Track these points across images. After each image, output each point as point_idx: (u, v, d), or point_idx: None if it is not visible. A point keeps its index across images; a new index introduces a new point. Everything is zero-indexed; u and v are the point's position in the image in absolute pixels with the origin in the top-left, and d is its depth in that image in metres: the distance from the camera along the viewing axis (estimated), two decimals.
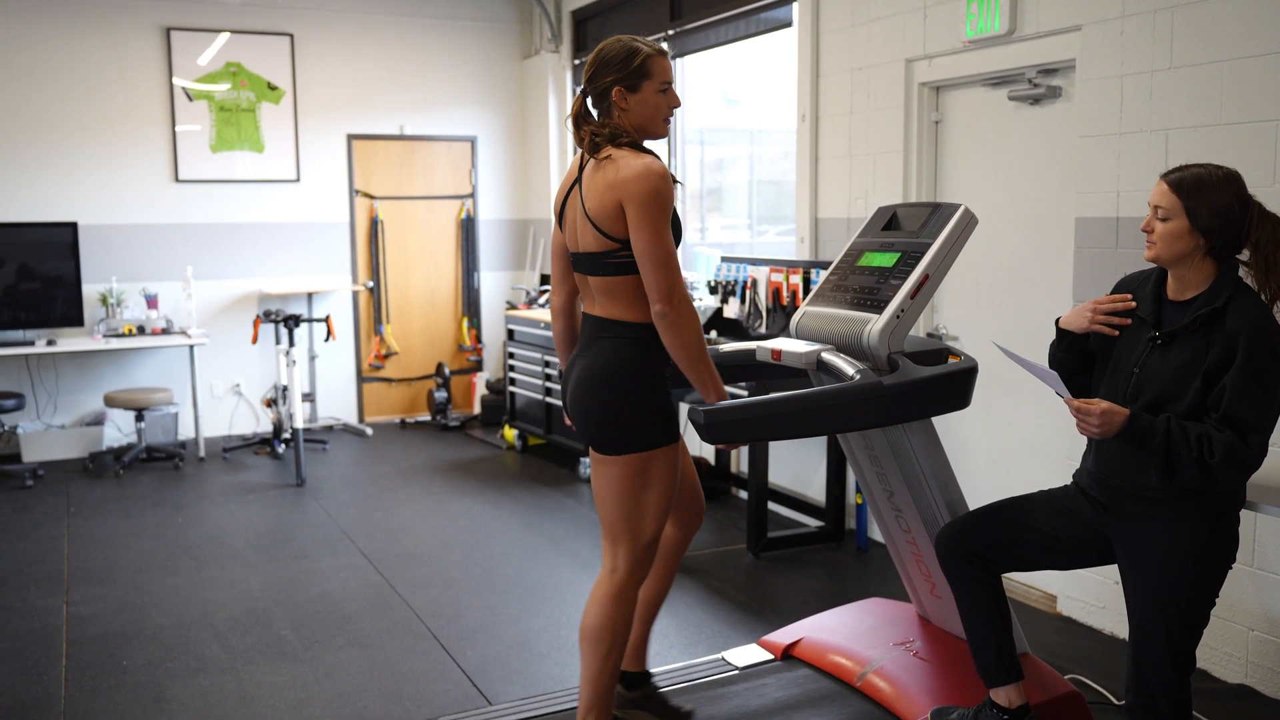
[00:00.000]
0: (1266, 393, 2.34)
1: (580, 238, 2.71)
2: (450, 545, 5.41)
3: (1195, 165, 2.50)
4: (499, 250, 8.83)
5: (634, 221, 2.55)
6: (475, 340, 8.74)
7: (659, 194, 2.54)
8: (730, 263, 5.92)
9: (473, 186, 8.66)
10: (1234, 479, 2.35)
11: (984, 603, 2.72)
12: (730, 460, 6.35)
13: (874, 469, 3.16)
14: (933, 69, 4.83)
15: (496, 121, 8.67)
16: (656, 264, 2.54)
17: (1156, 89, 3.82)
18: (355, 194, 8.27)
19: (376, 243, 8.34)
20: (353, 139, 8.21)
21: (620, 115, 2.67)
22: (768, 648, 3.47)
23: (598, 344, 2.72)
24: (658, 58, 2.67)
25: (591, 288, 2.74)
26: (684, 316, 2.57)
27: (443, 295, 8.67)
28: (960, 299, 4.90)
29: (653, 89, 2.67)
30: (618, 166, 2.59)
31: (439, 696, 3.70)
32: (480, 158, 8.65)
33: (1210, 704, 3.54)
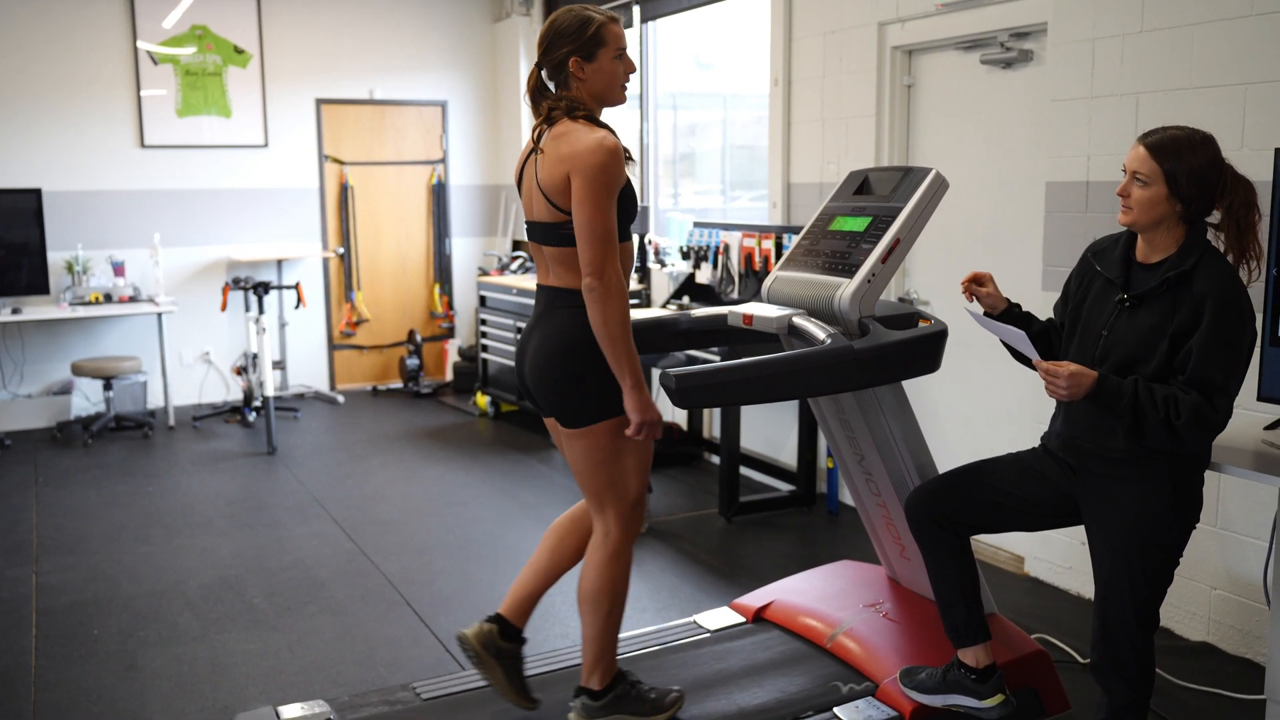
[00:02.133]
0: (1232, 355, 2.36)
1: (534, 207, 2.70)
2: (423, 512, 5.41)
3: (1172, 128, 2.48)
4: (470, 216, 8.77)
5: (577, 194, 2.54)
6: (447, 307, 8.69)
7: (606, 169, 2.53)
8: (703, 228, 5.91)
9: (444, 152, 8.58)
10: (1199, 440, 2.37)
11: (952, 564, 2.75)
12: (703, 425, 6.37)
13: (845, 433, 3.18)
14: (905, 32, 4.82)
15: (467, 86, 8.58)
16: (593, 238, 2.53)
17: (1128, 52, 3.82)
18: (325, 159, 8.19)
19: (347, 209, 8.27)
20: (322, 104, 8.12)
21: (578, 86, 2.65)
22: (739, 610, 3.49)
23: (554, 314, 2.70)
24: (611, 25, 2.66)
25: (546, 257, 2.73)
26: (611, 294, 2.55)
27: (414, 262, 8.62)
28: (932, 263, 4.91)
29: (609, 56, 2.65)
30: (570, 140, 2.57)
31: (412, 662, 3.71)
32: (451, 122, 8.57)
33: (1173, 661, 3.60)
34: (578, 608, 2.87)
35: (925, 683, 2.82)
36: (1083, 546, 2.63)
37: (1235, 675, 3.54)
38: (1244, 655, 3.66)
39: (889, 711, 2.86)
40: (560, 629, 3.97)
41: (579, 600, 2.85)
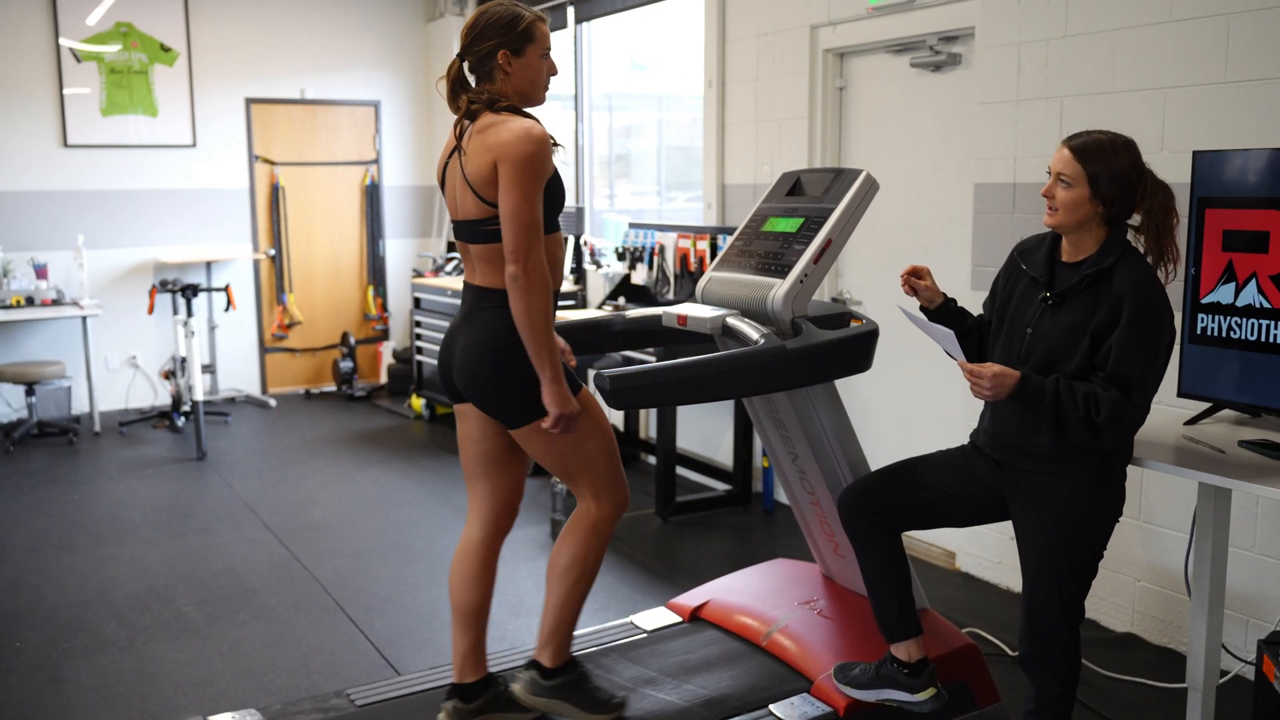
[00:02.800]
0: (1150, 352, 2.42)
1: (460, 204, 2.67)
2: (357, 516, 5.35)
3: (1096, 132, 2.55)
4: (405, 217, 8.69)
5: (504, 181, 2.52)
6: (381, 309, 8.61)
7: (535, 158, 2.51)
8: (638, 229, 5.92)
9: (377, 152, 8.50)
10: (1119, 436, 2.43)
11: (885, 561, 2.78)
12: (639, 426, 6.37)
13: (778, 432, 3.20)
14: (837, 35, 4.87)
15: (401, 85, 8.51)
16: (519, 226, 2.51)
17: (1052, 56, 3.90)
18: (255, 159, 8.06)
19: (278, 210, 8.15)
20: (251, 103, 7.99)
21: (503, 80, 2.63)
22: (676, 610, 3.50)
23: (480, 315, 2.67)
24: (539, 23, 2.65)
25: (473, 256, 2.69)
26: (535, 283, 2.53)
27: (347, 263, 8.52)
28: (864, 263, 4.97)
29: (536, 54, 2.64)
30: (497, 130, 2.55)
31: (347, 668, 3.67)
32: (384, 122, 8.49)
33: (1099, 652, 3.68)
34: (546, 577, 2.83)
35: (859, 678, 2.85)
36: (1012, 542, 2.68)
37: (1159, 664, 3.63)
38: (1167, 645, 3.76)
39: (824, 708, 2.88)
40: (496, 631, 3.94)
41: (549, 568, 2.82)
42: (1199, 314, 3.00)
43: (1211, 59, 3.43)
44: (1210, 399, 3.03)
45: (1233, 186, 2.92)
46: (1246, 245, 2.88)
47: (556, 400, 2.59)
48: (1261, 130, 3.31)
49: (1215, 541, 2.87)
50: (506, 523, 2.92)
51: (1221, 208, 2.93)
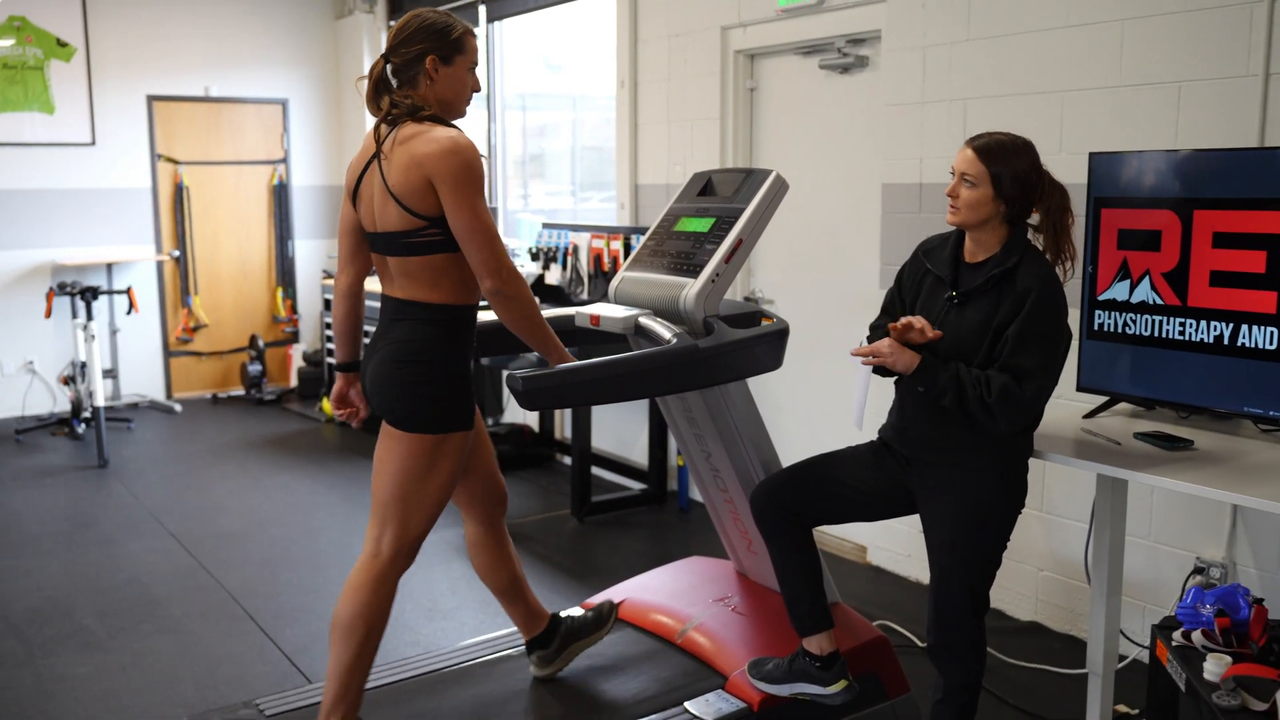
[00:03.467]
0: (1044, 346, 2.48)
1: (380, 216, 2.58)
2: (267, 523, 5.25)
3: (997, 133, 2.62)
4: (314, 217, 8.54)
5: (448, 200, 2.47)
6: (290, 311, 8.46)
7: (470, 168, 2.47)
8: (551, 229, 5.90)
9: (285, 151, 8.34)
10: (1010, 420, 2.47)
11: (797, 556, 2.81)
12: (554, 426, 6.36)
13: (691, 431, 3.22)
14: (747, 37, 4.91)
15: (309, 84, 8.36)
16: (481, 241, 2.48)
17: (956, 60, 3.99)
18: (157, 158, 7.86)
19: (182, 210, 7.95)
20: (153, 100, 7.78)
21: (427, 87, 2.58)
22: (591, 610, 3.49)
23: (397, 328, 2.62)
24: (470, 36, 2.63)
25: (391, 268, 2.64)
26: (516, 289, 2.52)
27: (255, 265, 8.35)
28: (775, 263, 5.03)
29: (464, 65, 2.61)
30: (423, 140, 2.49)
31: (256, 678, 3.59)
32: (292, 121, 8.34)
33: (1004, 640, 3.77)
34: (330, 635, 2.67)
35: (773, 673, 2.88)
36: (922, 535, 2.73)
37: (1061, 651, 3.74)
38: (1069, 632, 3.87)
39: (738, 703, 2.90)
40: (410, 636, 3.91)
41: (332, 626, 2.66)
42: (1096, 310, 3.10)
43: (1107, 63, 3.54)
44: (1107, 392, 3.13)
45: (1127, 187, 3.02)
46: (1140, 244, 2.98)
47: None
48: (1154, 132, 3.42)
49: (1113, 531, 2.96)
50: (499, 509, 2.98)
51: (1116, 207, 3.03)
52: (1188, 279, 2.88)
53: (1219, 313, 2.83)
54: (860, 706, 2.97)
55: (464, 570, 4.56)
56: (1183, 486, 2.54)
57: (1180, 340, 2.92)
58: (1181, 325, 2.91)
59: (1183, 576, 3.45)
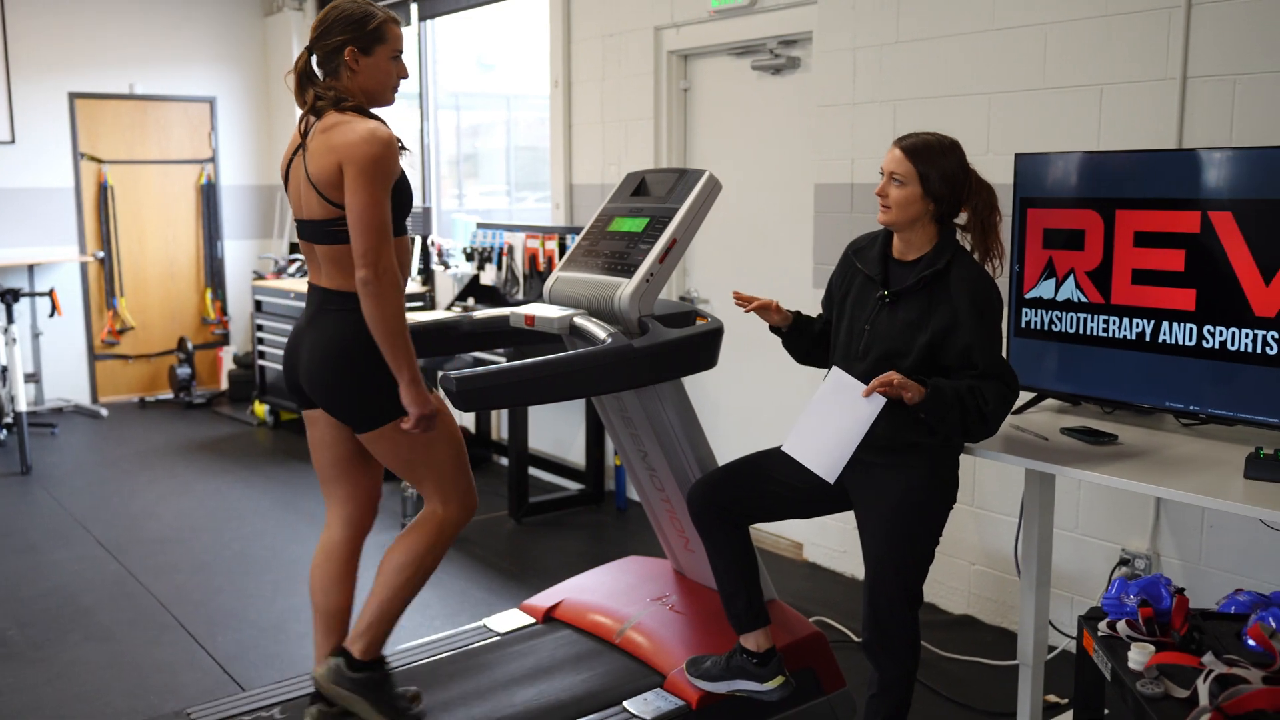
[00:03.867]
0: (999, 340, 2.58)
1: (304, 204, 2.61)
2: (198, 528, 5.15)
3: (924, 133, 2.66)
4: (244, 217, 8.40)
5: (350, 184, 2.47)
6: (220, 312, 8.31)
7: (380, 159, 2.48)
8: (486, 229, 5.87)
9: (213, 150, 8.20)
10: (1001, 420, 2.56)
11: (733, 554, 2.83)
12: (490, 427, 6.33)
13: (628, 430, 3.22)
14: (680, 37, 4.93)
15: (238, 81, 8.22)
16: (367, 229, 2.47)
17: (885, 62, 4.04)
18: (81, 157, 7.68)
19: (107, 210, 7.78)
20: (75, 98, 7.60)
21: (349, 78, 2.59)
22: (529, 612, 3.48)
23: (325, 318, 2.62)
24: (392, 24, 2.62)
25: (318, 256, 2.64)
26: (387, 286, 2.49)
27: (183, 266, 8.19)
28: (710, 262, 5.05)
29: (386, 55, 2.61)
30: (341, 131, 2.51)
31: (188, 687, 3.53)
32: (220, 120, 8.19)
33: (938, 634, 3.83)
34: (379, 567, 2.76)
35: (710, 670, 2.90)
36: (856, 532, 2.77)
37: (993, 644, 3.80)
38: (1001, 625, 3.94)
39: (676, 701, 2.91)
40: None
41: (383, 560, 2.76)
42: (1023, 308, 3.16)
43: (1031, 66, 3.61)
44: (1035, 389, 3.19)
45: (1051, 187, 3.08)
46: (1065, 243, 3.04)
47: (416, 401, 2.56)
48: (1077, 134, 3.50)
49: (1041, 524, 3.03)
50: (368, 522, 2.89)
51: (1041, 207, 3.10)
52: (1111, 277, 2.95)
53: (1141, 310, 2.91)
54: (797, 702, 2.99)
55: None
56: (1108, 480, 2.60)
57: (1104, 337, 2.99)
58: (1105, 323, 2.98)
59: (1109, 568, 3.54)
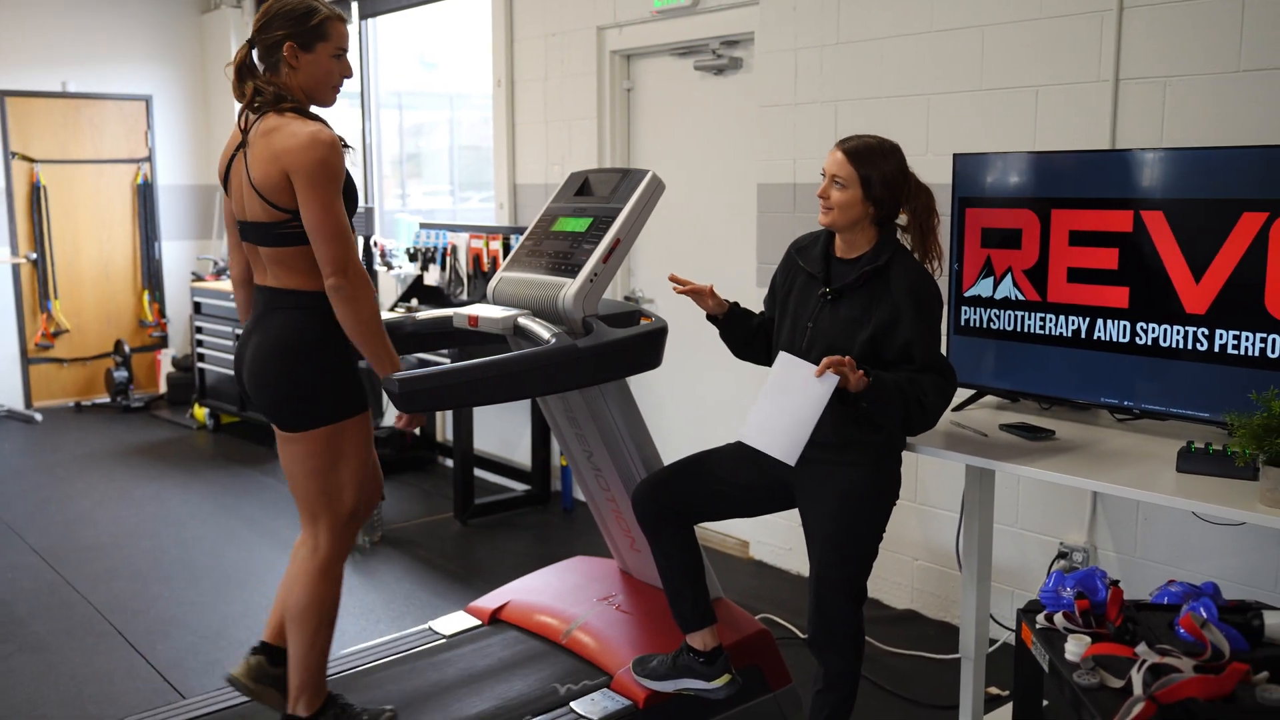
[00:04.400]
0: (938, 336, 2.62)
1: (247, 207, 2.57)
2: (136, 534, 5.06)
3: (866, 136, 2.69)
4: (182, 218, 8.26)
5: (302, 194, 2.44)
6: (158, 315, 8.17)
7: (327, 164, 2.44)
8: (429, 229, 5.83)
9: (149, 149, 8.06)
10: (940, 412, 2.58)
11: (678, 553, 2.84)
12: (436, 428, 6.29)
13: (573, 430, 3.22)
14: (623, 37, 4.93)
15: (174, 80, 8.09)
16: (329, 237, 2.45)
17: (826, 63, 4.07)
18: (12, 157, 7.50)
19: (39, 210, 7.61)
20: (6, 96, 7.43)
21: (289, 74, 2.55)
22: (475, 614, 3.47)
23: (272, 316, 2.59)
24: (336, 21, 2.58)
25: (263, 257, 2.61)
26: (359, 289, 2.48)
27: (119, 267, 8.04)
28: (654, 262, 5.06)
29: (327, 52, 2.57)
30: (283, 135, 2.47)
31: (126, 696, 3.47)
32: (157, 118, 8.05)
33: (882, 629, 3.88)
34: (285, 627, 2.72)
35: (657, 670, 2.91)
36: (802, 529, 2.79)
37: (936, 638, 3.85)
38: (943, 619, 3.99)
39: (623, 701, 2.92)
40: None
41: (285, 619, 2.71)
42: (962, 306, 3.20)
43: (969, 68, 3.66)
44: (974, 386, 3.24)
45: (989, 187, 3.13)
46: (1002, 242, 3.09)
47: None
48: (1014, 134, 3.55)
49: (981, 519, 3.07)
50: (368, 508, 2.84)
51: (979, 207, 3.14)
52: (1047, 275, 3.01)
53: (1076, 308, 2.96)
54: (744, 699, 3.01)
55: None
56: (1046, 475, 2.65)
57: (1041, 335, 3.04)
58: (1042, 320, 3.03)
59: (1048, 561, 3.60)
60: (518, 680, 3.05)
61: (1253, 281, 2.63)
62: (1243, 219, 2.63)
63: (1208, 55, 3.12)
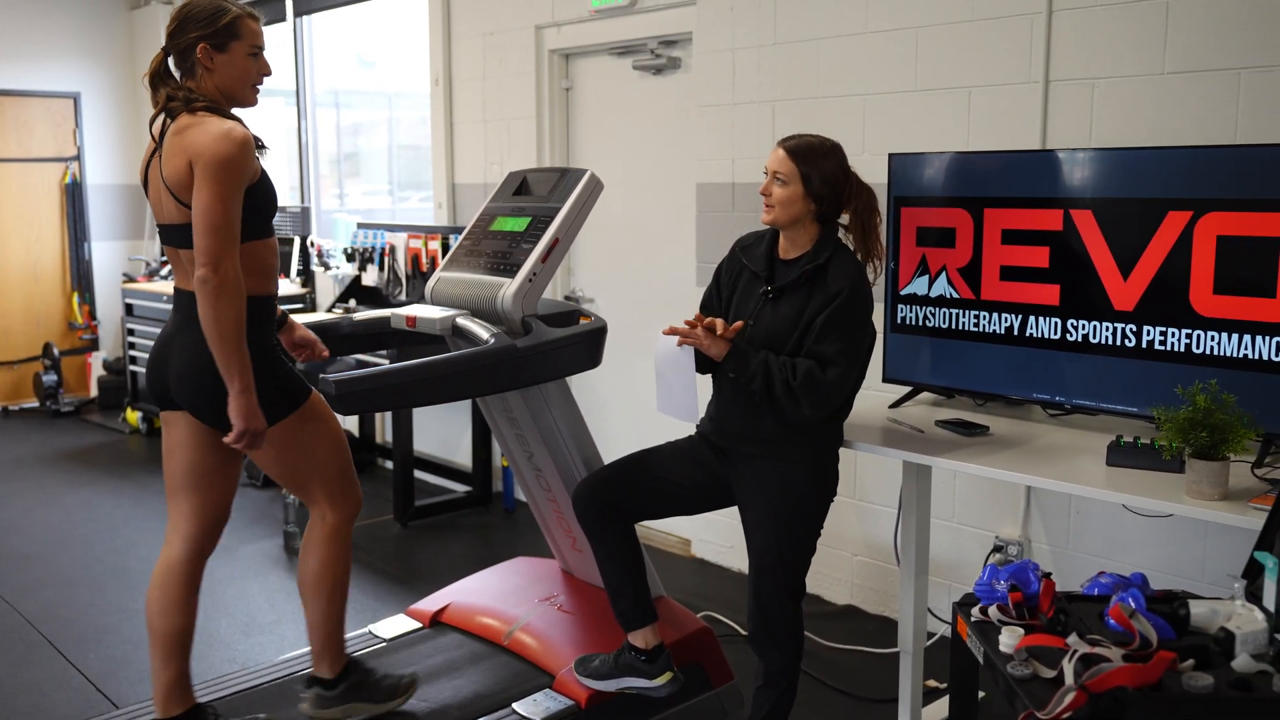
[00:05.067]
0: (847, 337, 2.59)
1: (164, 209, 2.54)
2: (66, 541, 4.95)
3: (807, 135, 2.71)
4: (113, 218, 8.09)
5: (197, 182, 2.40)
6: (89, 317, 7.99)
7: (232, 159, 2.40)
8: (367, 229, 5.78)
9: (78, 148, 7.88)
10: (813, 403, 2.55)
11: (620, 552, 2.84)
12: (375, 430, 6.23)
13: (513, 431, 3.21)
14: (562, 36, 4.92)
15: (103, 77, 7.92)
16: (211, 228, 2.39)
17: (764, 63, 4.10)
18: None
19: None
20: None
21: (205, 76, 2.52)
22: (415, 616, 3.44)
23: (194, 323, 2.50)
24: (248, 19, 2.55)
25: (183, 260, 2.57)
26: (226, 288, 2.40)
27: (47, 268, 7.85)
28: (595, 262, 5.06)
29: (242, 51, 2.54)
30: (195, 131, 2.44)
31: (58, 707, 3.39)
32: (85, 117, 7.87)
33: (822, 624, 3.91)
34: (299, 594, 2.79)
35: (599, 669, 2.91)
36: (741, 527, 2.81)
37: (875, 632, 3.90)
38: (882, 614, 4.03)
39: (566, 701, 2.91)
40: (226, 653, 3.76)
41: (300, 586, 2.78)
42: (899, 305, 3.24)
43: (903, 69, 3.70)
44: (911, 383, 3.28)
45: (924, 186, 3.17)
46: (937, 241, 3.13)
47: (243, 414, 2.45)
48: (948, 134, 3.60)
49: (919, 514, 3.12)
50: (211, 542, 2.78)
51: (915, 206, 3.18)
52: (980, 274, 3.06)
53: (1009, 305, 3.01)
54: (686, 697, 3.02)
55: (281, 582, 4.42)
56: (981, 470, 2.70)
57: (975, 332, 3.09)
58: (976, 318, 3.08)
59: (984, 555, 3.65)
60: (460, 682, 3.04)
61: (1178, 279, 2.69)
62: (1168, 218, 2.69)
63: (1134, 57, 3.18)
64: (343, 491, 2.75)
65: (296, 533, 4.79)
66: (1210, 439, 2.34)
